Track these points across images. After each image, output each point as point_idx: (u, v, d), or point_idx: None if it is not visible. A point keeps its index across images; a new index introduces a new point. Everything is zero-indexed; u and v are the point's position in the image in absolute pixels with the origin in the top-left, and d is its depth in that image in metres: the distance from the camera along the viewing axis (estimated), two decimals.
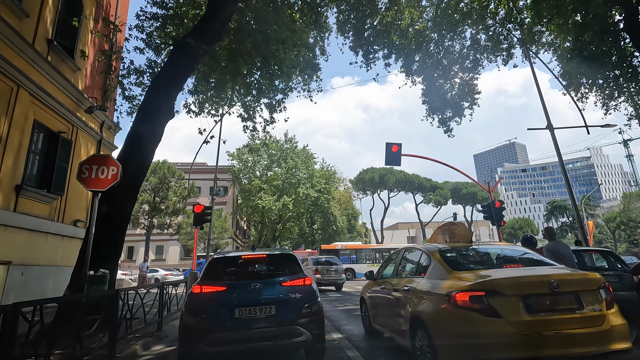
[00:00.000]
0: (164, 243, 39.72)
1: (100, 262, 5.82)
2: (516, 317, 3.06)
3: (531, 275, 3.59)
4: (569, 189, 12.29)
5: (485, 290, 3.20)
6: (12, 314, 3.01)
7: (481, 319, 3.10)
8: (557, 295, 3.20)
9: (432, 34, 13.18)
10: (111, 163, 5.59)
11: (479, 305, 3.15)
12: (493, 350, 3.05)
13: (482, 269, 3.89)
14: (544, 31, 12.78)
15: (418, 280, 4.19)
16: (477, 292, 3.21)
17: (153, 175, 23.82)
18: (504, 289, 3.19)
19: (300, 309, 4.20)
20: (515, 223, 73.31)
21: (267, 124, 11.48)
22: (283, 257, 4.99)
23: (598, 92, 12.46)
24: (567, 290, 3.25)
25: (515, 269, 3.94)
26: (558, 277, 3.33)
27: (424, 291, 3.86)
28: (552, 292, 3.18)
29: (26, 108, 8.22)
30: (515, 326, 3.02)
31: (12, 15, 7.67)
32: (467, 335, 3.13)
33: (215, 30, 8.22)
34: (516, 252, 4.58)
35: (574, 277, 3.53)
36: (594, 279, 3.39)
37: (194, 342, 3.92)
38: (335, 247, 29.26)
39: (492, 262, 4.26)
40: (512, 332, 3.01)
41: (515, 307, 3.11)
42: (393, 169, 52.65)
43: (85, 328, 4.42)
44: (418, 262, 4.65)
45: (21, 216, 8.07)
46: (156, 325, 6.50)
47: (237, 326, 4.02)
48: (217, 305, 4.10)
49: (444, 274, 3.78)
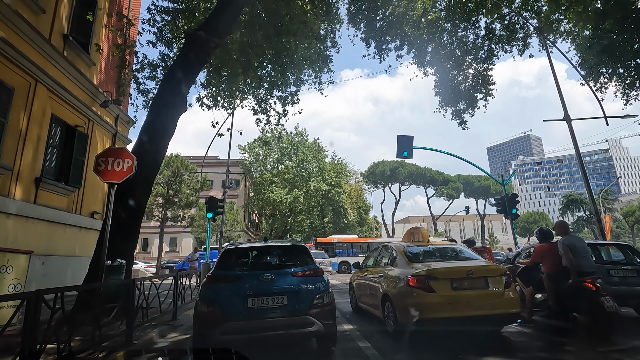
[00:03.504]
0: (178, 235, 40.38)
1: (117, 252, 5.97)
2: (445, 292, 4.72)
3: (456, 266, 5.27)
4: (586, 182, 12.00)
5: (427, 276, 4.83)
6: (35, 301, 3.11)
7: (423, 293, 4.73)
8: (472, 279, 4.89)
9: (445, 24, 12.90)
10: (126, 155, 5.70)
11: (422, 285, 4.78)
12: (429, 311, 4.66)
13: (428, 262, 5.55)
14: (562, 19, 12.38)
15: (388, 269, 5.86)
16: (422, 277, 4.84)
17: (166, 168, 24.13)
18: (438, 274, 4.87)
19: (311, 299, 4.27)
20: (530, 217, 72.05)
21: (281, 116, 11.50)
22: (294, 249, 5.10)
23: (618, 82, 12.05)
24: (479, 276, 4.92)
25: (449, 262, 5.62)
26: (473, 267, 5.01)
27: (392, 277, 5.50)
28: (468, 277, 4.89)
29: (44, 103, 8.41)
30: (443, 298, 4.67)
31: (29, 12, 7.82)
32: (414, 304, 4.75)
33: (226, 23, 8.23)
34: (454, 250, 6.17)
35: (484, 268, 5.11)
36: (497, 269, 5.07)
37: (208, 330, 4.01)
38: (331, 240, 29.06)
39: (436, 256, 5.90)
40: (440, 301, 4.65)
41: (444, 286, 4.76)
42: (404, 162, 52.29)
43: (103, 315, 4.56)
44: (390, 256, 6.26)
45: (41, 208, 8.31)
46: (171, 314, 6.65)
47: (250, 315, 4.09)
48: (230, 295, 4.17)
49: (405, 265, 5.46)
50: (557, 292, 5.59)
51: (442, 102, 14.10)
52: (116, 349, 4.32)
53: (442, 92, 13.99)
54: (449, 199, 58.37)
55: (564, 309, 5.50)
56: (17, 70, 7.53)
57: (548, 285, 5.72)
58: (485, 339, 5.12)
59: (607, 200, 51.38)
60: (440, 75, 13.80)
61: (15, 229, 7.51)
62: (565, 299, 5.44)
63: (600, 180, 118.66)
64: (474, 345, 4.81)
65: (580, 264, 5.38)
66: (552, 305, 5.61)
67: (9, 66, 7.33)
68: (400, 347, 4.78)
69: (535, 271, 6.30)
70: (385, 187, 56.36)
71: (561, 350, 4.80)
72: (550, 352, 4.78)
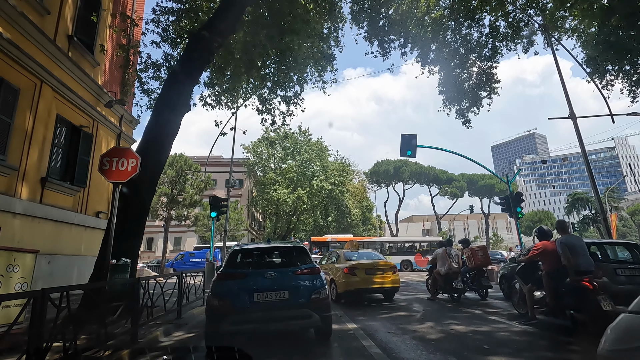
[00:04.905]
0: (182, 234, 40.58)
1: (122, 251, 6.01)
2: (362, 275, 8.95)
3: (368, 261, 9.46)
4: (591, 180, 11.90)
5: (353, 267, 9.03)
6: (41, 299, 3.13)
7: (350, 276, 8.95)
8: (376, 269, 9.14)
9: (449, 22, 12.82)
10: (131, 155, 5.72)
11: (350, 272, 8.97)
12: (352, 285, 8.91)
13: (355, 260, 9.65)
14: (567, 16, 12.26)
15: (334, 264, 10.14)
16: (349, 267, 9.04)
17: (170, 168, 24.22)
18: (358, 266, 9.06)
19: (310, 294, 4.77)
20: (534, 216, 71.56)
21: (285, 116, 11.50)
22: (295, 249, 5.66)
23: (625, 79, 11.94)
24: (381, 268, 9.18)
25: (365, 260, 9.67)
26: (378, 262, 9.36)
27: (336, 268, 9.64)
28: (374, 268, 9.14)
29: (49, 103, 8.47)
30: (360, 278, 8.92)
31: (34, 13, 7.87)
32: (346, 283, 8.97)
33: (230, 22, 8.24)
34: (371, 254, 10.51)
35: (382, 263, 9.38)
36: (389, 264, 9.39)
37: (219, 322, 4.47)
38: (326, 239, 29.25)
39: (359, 257, 10.03)
40: (359, 280, 8.91)
41: (361, 272, 8.97)
42: (408, 161, 52.06)
43: (108, 314, 4.58)
44: (336, 256, 10.61)
45: (46, 207, 8.38)
46: (176, 313, 6.68)
47: (256, 308, 4.56)
48: (238, 290, 4.63)
49: (343, 261, 9.77)
50: (556, 290, 5.64)
51: (446, 101, 14.02)
52: (121, 348, 4.34)
53: (446, 91, 13.91)
54: (452, 198, 58.01)
55: (562, 307, 5.57)
56: (22, 71, 7.59)
57: (547, 283, 5.77)
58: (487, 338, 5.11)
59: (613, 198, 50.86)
60: (444, 74, 13.72)
61: (22, 228, 7.57)
62: (563, 297, 5.52)
63: (606, 178, 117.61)
64: (472, 341, 4.79)
65: (579, 262, 5.43)
66: (550, 302, 5.68)
67: (15, 67, 7.38)
68: (401, 346, 4.79)
69: (533, 269, 6.32)
70: (388, 186, 56.14)
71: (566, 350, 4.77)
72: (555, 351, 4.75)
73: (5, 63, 7.15)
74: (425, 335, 5.36)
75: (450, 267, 9.26)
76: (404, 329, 5.89)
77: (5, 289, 4.46)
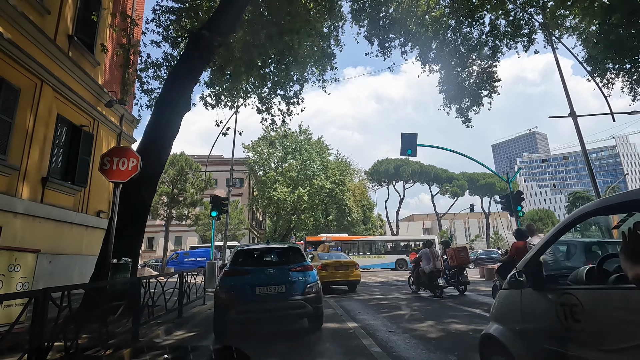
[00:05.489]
0: (183, 234, 40.63)
1: (123, 251, 6.02)
2: (331, 271, 12.21)
3: (336, 260, 12.84)
4: (592, 179, 11.90)
5: (324, 264, 12.26)
6: (42, 299, 3.14)
7: (322, 271, 11.72)
8: (341, 266, 12.45)
9: (450, 21, 12.80)
10: (131, 155, 5.73)
11: (322, 268, 11.97)
12: (324, 278, 10.94)
13: (326, 259, 12.89)
14: (568, 15, 12.22)
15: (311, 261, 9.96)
16: (321, 265, 12.16)
17: (171, 167, 24.25)
18: (328, 264, 12.35)
19: (304, 288, 5.52)
20: (535, 214, 71.56)
21: (285, 115, 11.50)
22: (291, 249, 6.52)
23: (625, 77, 11.92)
24: (345, 264, 12.53)
25: (334, 259, 12.95)
26: (343, 261, 12.81)
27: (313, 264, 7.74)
28: (341, 265, 12.47)
29: (50, 103, 8.49)
30: (329, 273, 12.10)
31: (35, 13, 7.88)
32: (321, 276, 8.30)
33: (230, 21, 8.23)
34: (339, 255, 14.26)
35: (347, 260, 12.91)
36: (352, 262, 12.77)
37: (226, 311, 5.18)
38: (320, 238, 29.32)
39: (329, 257, 13.38)
40: (328, 274, 12.01)
41: (331, 269, 12.24)
42: (408, 159, 52.04)
43: (110, 313, 4.60)
44: (311, 256, 13.46)
45: (47, 207, 8.40)
46: (176, 312, 6.70)
47: (258, 300, 5.31)
48: (242, 285, 5.40)
49: (317, 260, 12.78)
50: None
51: (446, 100, 14.01)
52: (122, 347, 4.36)
53: (446, 90, 13.90)
54: (453, 196, 57.95)
55: None
56: (23, 71, 7.60)
57: None
58: None
59: None
60: (445, 73, 13.71)
61: (23, 228, 7.59)
62: None
63: (607, 177, 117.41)
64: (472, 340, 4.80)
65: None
66: None
67: (15, 67, 7.39)
68: (402, 345, 4.80)
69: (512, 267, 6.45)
70: (389, 185, 56.08)
71: None
72: None
73: (6, 63, 7.16)
74: (426, 334, 5.37)
75: (434, 266, 10.17)
76: (405, 327, 5.92)
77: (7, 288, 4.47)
